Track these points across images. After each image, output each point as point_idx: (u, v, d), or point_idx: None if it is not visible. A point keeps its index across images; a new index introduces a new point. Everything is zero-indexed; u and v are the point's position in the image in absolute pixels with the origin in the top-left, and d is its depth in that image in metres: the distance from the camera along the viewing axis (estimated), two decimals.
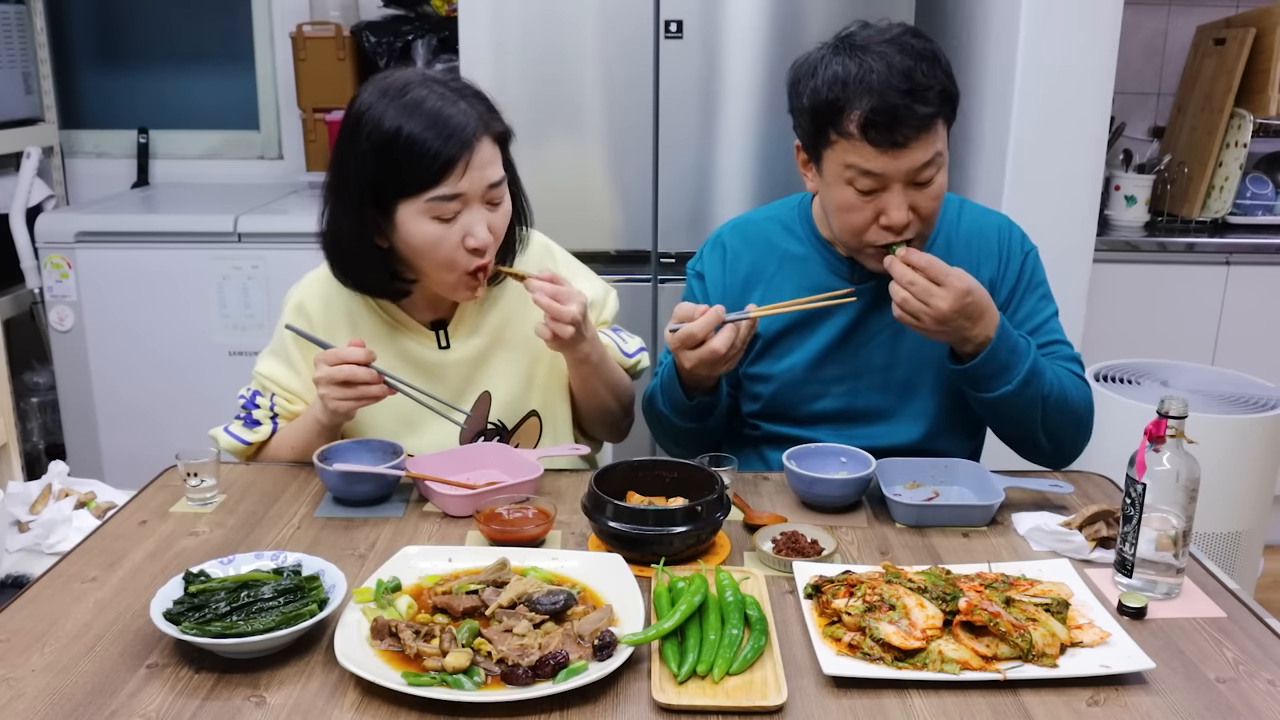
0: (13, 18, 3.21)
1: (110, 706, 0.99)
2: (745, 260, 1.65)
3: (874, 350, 1.59)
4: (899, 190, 1.41)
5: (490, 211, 1.46)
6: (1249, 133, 3.04)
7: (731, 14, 2.49)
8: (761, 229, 1.67)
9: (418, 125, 1.38)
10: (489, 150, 1.43)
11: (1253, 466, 2.33)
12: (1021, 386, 1.45)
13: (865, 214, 1.44)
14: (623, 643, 1.04)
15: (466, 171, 1.40)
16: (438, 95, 1.41)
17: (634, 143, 2.57)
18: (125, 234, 2.81)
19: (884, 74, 1.36)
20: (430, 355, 1.58)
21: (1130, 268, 2.99)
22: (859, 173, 1.41)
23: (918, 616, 1.07)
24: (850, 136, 1.39)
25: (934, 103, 1.37)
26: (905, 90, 1.35)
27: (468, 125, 1.40)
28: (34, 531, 1.61)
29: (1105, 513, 1.32)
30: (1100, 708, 1.00)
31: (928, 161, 1.40)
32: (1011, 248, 1.60)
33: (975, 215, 1.63)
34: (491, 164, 1.44)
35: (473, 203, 1.43)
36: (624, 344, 1.70)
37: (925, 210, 1.45)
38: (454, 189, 1.41)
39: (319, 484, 1.49)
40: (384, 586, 1.14)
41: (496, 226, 1.47)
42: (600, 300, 1.70)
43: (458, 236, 1.43)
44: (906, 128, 1.36)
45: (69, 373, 2.88)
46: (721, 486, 1.30)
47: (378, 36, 3.12)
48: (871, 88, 1.36)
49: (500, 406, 1.61)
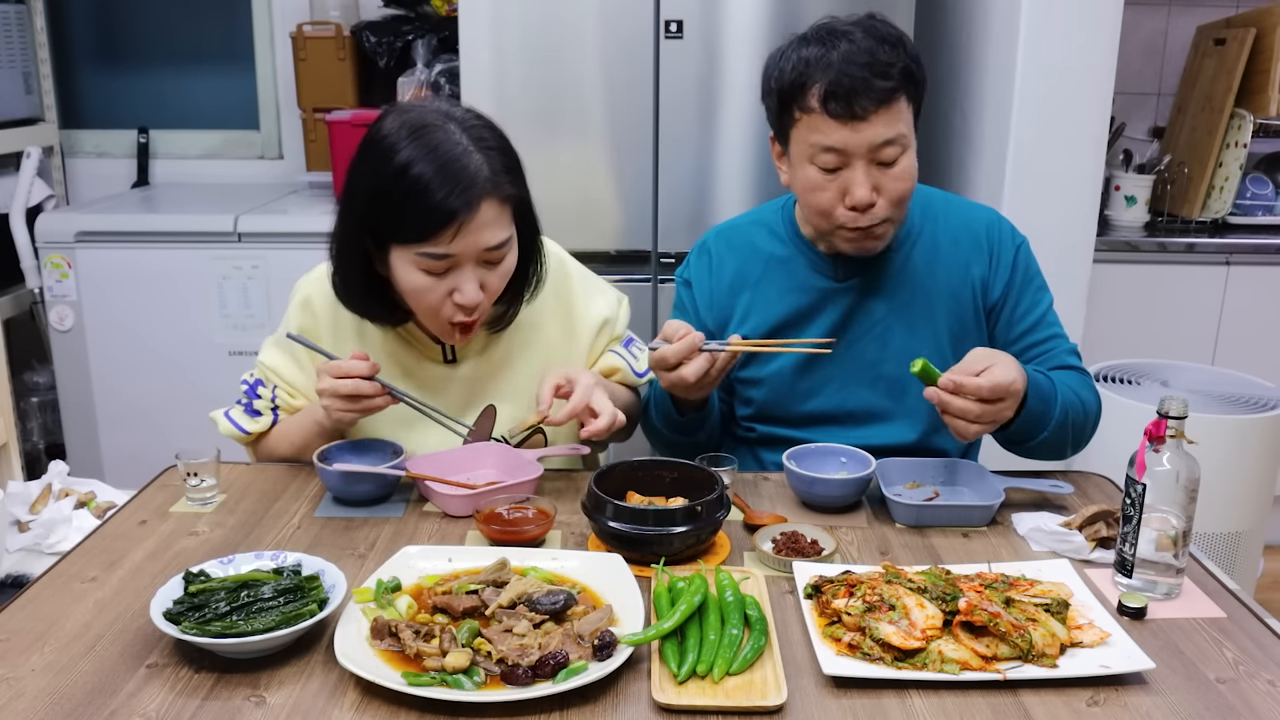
0: (13, 18, 3.21)
1: (110, 706, 0.99)
2: (730, 265, 1.65)
3: (862, 348, 1.60)
4: (861, 167, 1.43)
5: (486, 270, 1.41)
6: (1249, 133, 3.04)
7: (731, 14, 2.49)
8: (745, 233, 1.67)
9: (426, 169, 1.32)
10: (492, 212, 1.37)
11: (1253, 466, 2.33)
12: (1057, 430, 1.45)
13: (830, 193, 1.46)
14: (623, 643, 1.04)
15: (459, 235, 1.35)
16: (454, 142, 1.35)
17: (634, 143, 2.57)
18: (125, 234, 2.81)
19: (846, 51, 1.40)
20: (436, 369, 1.56)
21: (1130, 268, 2.99)
22: (821, 149, 1.43)
23: (918, 616, 1.07)
24: (811, 111, 1.42)
25: (894, 79, 1.40)
26: (864, 64, 1.39)
27: (474, 185, 1.34)
28: (34, 531, 1.61)
29: (1105, 513, 1.32)
30: (1100, 708, 1.00)
31: (890, 140, 1.42)
32: (1002, 243, 1.60)
33: (962, 211, 1.63)
34: (491, 226, 1.37)
35: (466, 263, 1.38)
36: (635, 363, 1.67)
37: (891, 192, 1.45)
38: (446, 249, 1.36)
39: (319, 484, 1.49)
40: (384, 586, 1.14)
41: (491, 285, 1.42)
42: (613, 315, 1.68)
43: (445, 290, 1.40)
44: (865, 99, 1.39)
45: (69, 373, 2.88)
46: (721, 486, 1.30)
47: (378, 36, 3.12)
48: (831, 64, 1.40)
49: (505, 423, 1.60)
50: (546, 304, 1.60)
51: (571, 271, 1.66)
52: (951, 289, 1.58)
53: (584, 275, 1.68)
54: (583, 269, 1.69)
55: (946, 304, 1.58)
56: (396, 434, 1.53)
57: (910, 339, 1.58)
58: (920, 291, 1.58)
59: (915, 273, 1.58)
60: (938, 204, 1.63)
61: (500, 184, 1.37)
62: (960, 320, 1.59)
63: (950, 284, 1.58)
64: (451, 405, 1.56)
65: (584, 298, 1.64)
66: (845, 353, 1.60)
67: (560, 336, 1.62)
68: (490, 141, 1.39)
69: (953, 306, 1.58)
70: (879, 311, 1.59)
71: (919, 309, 1.58)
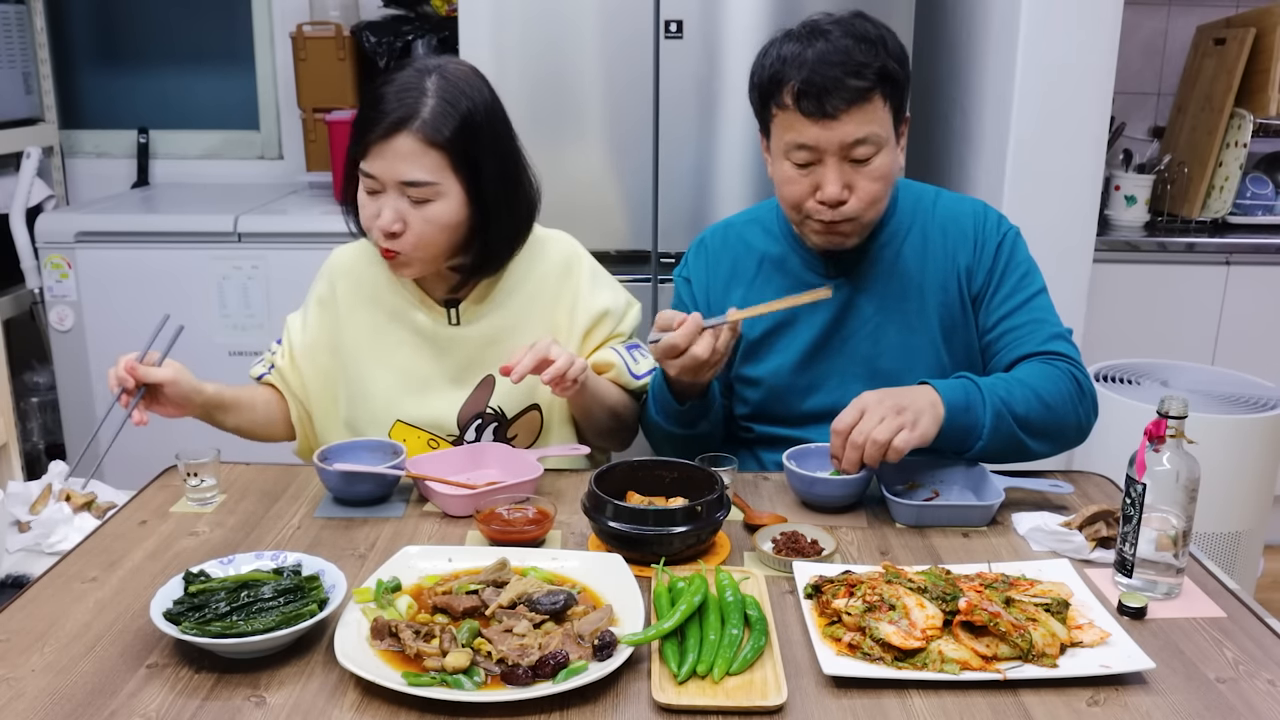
0: (13, 18, 3.21)
1: (110, 706, 0.99)
2: (725, 263, 1.67)
3: (857, 343, 1.60)
4: (833, 164, 1.45)
5: (411, 208, 1.48)
6: (1249, 133, 3.04)
7: (731, 14, 2.49)
8: (740, 232, 1.69)
9: (374, 95, 1.47)
10: (410, 146, 1.45)
11: (1253, 466, 2.33)
12: (997, 436, 1.42)
13: (803, 186, 1.48)
14: (623, 643, 1.04)
15: (373, 156, 1.46)
16: (415, 80, 1.47)
17: (634, 143, 2.57)
18: (125, 234, 2.81)
19: (821, 50, 1.42)
20: (440, 329, 1.62)
21: (1130, 268, 2.99)
22: (795, 146, 1.45)
23: (918, 616, 1.07)
24: (786, 108, 1.44)
25: (869, 79, 1.41)
26: (838, 63, 1.40)
27: (398, 113, 1.44)
28: (34, 531, 1.61)
29: (1105, 513, 1.32)
30: (1100, 708, 1.00)
31: (862, 138, 1.43)
32: (987, 231, 1.60)
33: (950, 203, 1.63)
34: (408, 161, 1.45)
35: (389, 189, 1.47)
36: (634, 365, 1.68)
37: (864, 192, 1.46)
38: (368, 168, 1.47)
39: (319, 484, 1.49)
40: (384, 586, 1.14)
41: (413, 223, 1.48)
42: (620, 311, 1.69)
43: (373, 211, 1.49)
44: (836, 99, 1.40)
45: (69, 373, 2.88)
46: (721, 486, 1.30)
47: (378, 36, 3.12)
48: (806, 61, 1.42)
49: (502, 394, 1.61)
50: (552, 280, 1.65)
51: (585, 262, 1.70)
52: (941, 281, 1.59)
53: (597, 269, 1.71)
54: (596, 265, 1.72)
55: (937, 296, 1.58)
56: (395, 400, 1.61)
57: (903, 333, 1.58)
58: (912, 286, 1.58)
59: (906, 268, 1.59)
60: (928, 199, 1.63)
61: (435, 126, 1.45)
62: (949, 312, 1.59)
63: (940, 277, 1.59)
64: (453, 366, 1.62)
65: (591, 287, 1.67)
66: (840, 350, 1.60)
67: (561, 316, 1.65)
68: (459, 96, 1.47)
69: (943, 299, 1.59)
70: (871, 307, 1.59)
71: (911, 303, 1.58)
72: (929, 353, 1.58)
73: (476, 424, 1.62)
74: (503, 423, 1.63)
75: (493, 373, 1.62)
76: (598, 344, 1.67)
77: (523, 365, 1.44)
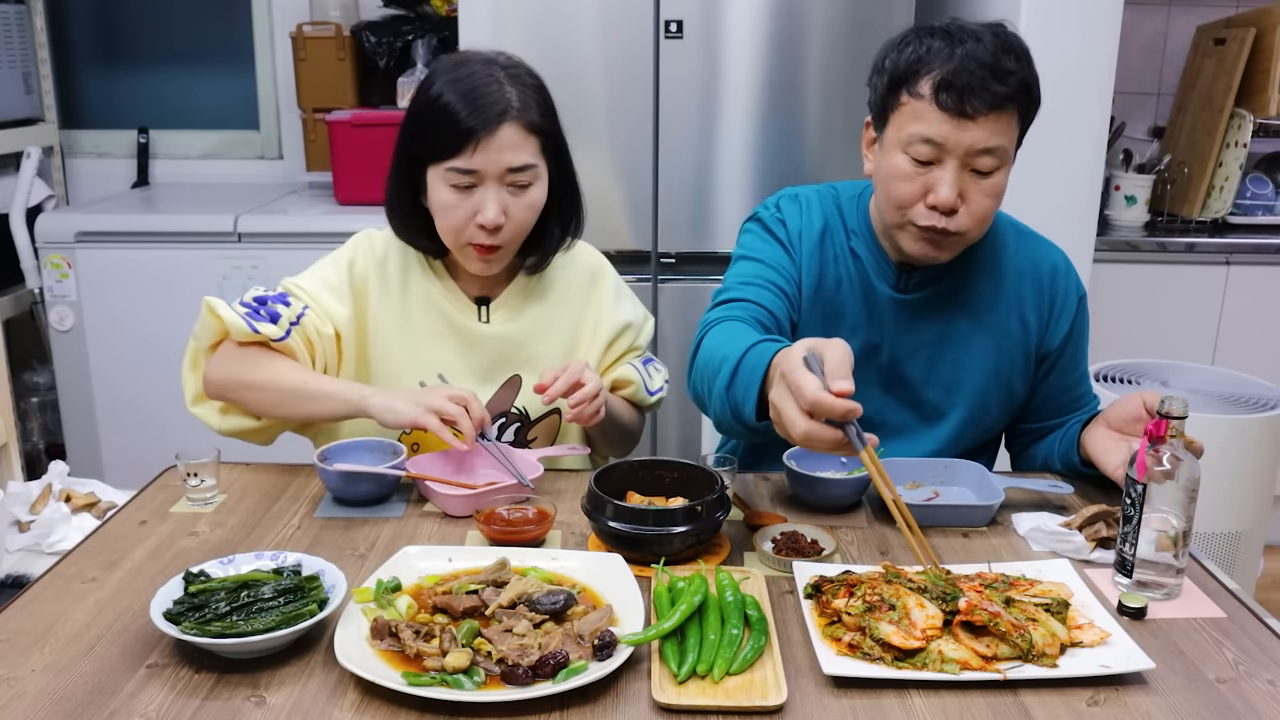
0: (13, 18, 3.21)
1: (110, 706, 0.99)
2: (818, 223, 1.57)
3: (908, 367, 1.55)
4: (953, 168, 1.38)
5: (511, 195, 1.49)
6: (1249, 133, 3.04)
7: (731, 14, 2.49)
8: (830, 203, 1.59)
9: (453, 96, 1.45)
10: (514, 134, 1.46)
11: (1253, 466, 2.33)
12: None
13: (915, 186, 1.40)
14: (623, 643, 1.04)
15: (478, 150, 1.45)
16: (487, 74, 1.47)
17: (634, 143, 2.57)
18: (125, 234, 2.81)
19: (971, 49, 1.36)
20: (471, 326, 1.62)
21: (1130, 268, 2.99)
22: (920, 139, 1.38)
23: (918, 616, 1.07)
24: (921, 98, 1.38)
25: (1011, 86, 1.36)
26: (987, 64, 1.35)
27: (496, 105, 1.45)
28: (34, 531, 1.61)
29: (1105, 513, 1.32)
30: (1100, 708, 1.00)
31: (990, 147, 1.37)
32: (1067, 293, 1.57)
33: (1032, 248, 1.58)
34: (513, 149, 1.47)
35: (489, 181, 1.47)
36: (650, 381, 1.69)
37: (976, 206, 1.40)
38: (469, 164, 1.46)
39: (319, 484, 1.49)
40: (384, 586, 1.14)
41: (514, 211, 1.49)
42: (638, 324, 1.71)
43: (469, 210, 1.48)
44: (977, 99, 1.35)
45: (69, 373, 2.88)
46: (721, 486, 1.30)
47: (378, 36, 3.12)
48: (953, 57, 1.36)
49: (528, 395, 1.61)
50: (579, 288, 1.67)
51: (609, 274, 1.72)
52: (1004, 325, 1.54)
53: (621, 282, 1.73)
54: (619, 280, 1.73)
55: (996, 340, 1.54)
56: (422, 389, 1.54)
57: (955, 368, 1.54)
58: (978, 321, 1.54)
59: (975, 300, 1.54)
60: (1009, 234, 1.58)
61: (527, 111, 1.47)
62: (1008, 358, 1.55)
63: (1004, 319, 1.54)
64: (480, 364, 1.61)
65: (615, 299, 1.69)
66: (889, 367, 1.55)
67: (586, 325, 1.67)
68: (525, 79, 1.51)
69: (1002, 344, 1.55)
70: (932, 333, 1.54)
71: (973, 339, 1.54)
72: (974, 392, 1.55)
73: (500, 423, 1.62)
74: (526, 424, 1.63)
75: (519, 373, 1.62)
76: (618, 356, 1.69)
77: (556, 388, 1.44)
